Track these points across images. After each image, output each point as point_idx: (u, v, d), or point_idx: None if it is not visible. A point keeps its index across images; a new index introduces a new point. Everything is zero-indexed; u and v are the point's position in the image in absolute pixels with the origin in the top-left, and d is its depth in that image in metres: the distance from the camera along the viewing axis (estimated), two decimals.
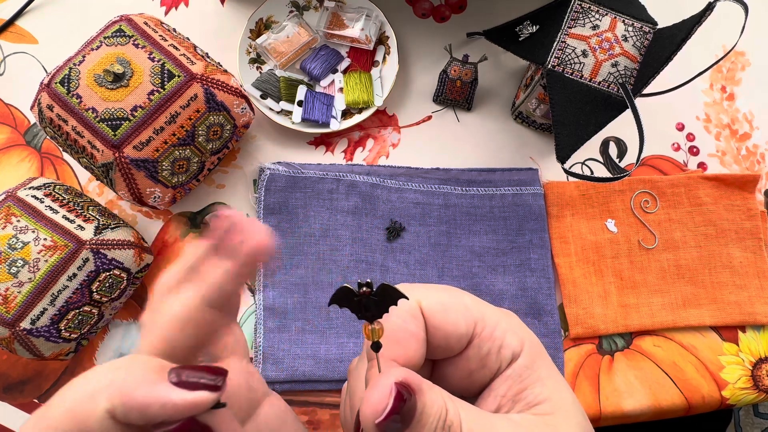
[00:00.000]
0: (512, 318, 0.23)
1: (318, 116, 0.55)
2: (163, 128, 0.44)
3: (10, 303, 0.43)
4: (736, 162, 0.58)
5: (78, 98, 0.43)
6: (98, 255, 0.45)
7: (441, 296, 0.22)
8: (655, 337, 0.54)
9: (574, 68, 0.46)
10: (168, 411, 0.16)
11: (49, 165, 0.56)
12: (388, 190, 0.53)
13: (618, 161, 0.57)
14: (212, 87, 0.46)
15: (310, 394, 0.51)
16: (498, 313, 0.22)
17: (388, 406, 0.17)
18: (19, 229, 0.44)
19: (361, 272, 0.51)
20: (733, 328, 0.54)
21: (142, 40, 0.45)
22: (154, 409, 0.16)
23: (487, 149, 0.57)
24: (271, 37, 0.55)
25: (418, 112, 0.58)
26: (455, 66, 0.56)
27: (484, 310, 0.22)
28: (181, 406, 0.16)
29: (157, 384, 0.17)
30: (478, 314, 0.21)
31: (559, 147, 0.45)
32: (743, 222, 0.55)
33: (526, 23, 0.49)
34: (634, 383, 0.52)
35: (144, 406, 0.16)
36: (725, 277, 0.54)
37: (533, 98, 0.52)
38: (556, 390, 0.21)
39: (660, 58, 0.44)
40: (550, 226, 0.55)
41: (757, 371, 0.53)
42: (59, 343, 0.45)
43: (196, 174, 0.49)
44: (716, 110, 0.59)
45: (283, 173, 0.52)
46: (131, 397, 0.16)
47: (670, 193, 0.56)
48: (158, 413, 0.16)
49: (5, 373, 0.52)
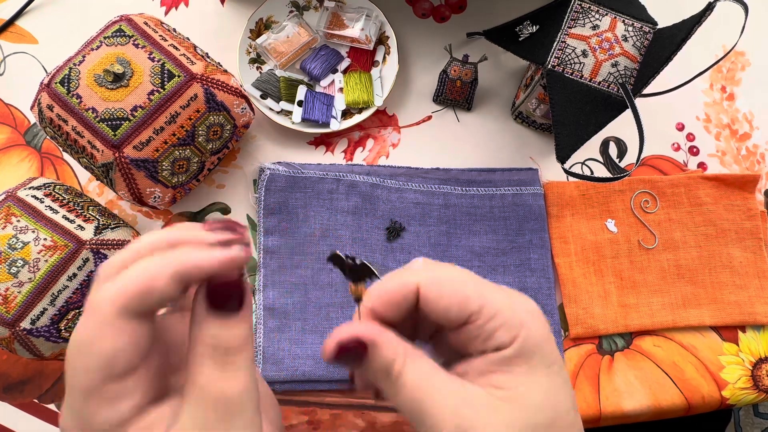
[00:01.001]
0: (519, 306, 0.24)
1: (318, 116, 0.55)
2: (163, 128, 0.44)
3: (10, 303, 0.43)
4: (736, 162, 0.58)
5: (78, 98, 0.43)
6: (98, 255, 0.45)
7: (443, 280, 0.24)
8: (655, 337, 0.54)
9: (574, 68, 0.46)
10: (216, 264, 0.20)
11: (49, 165, 0.56)
12: (388, 190, 0.53)
13: (618, 161, 0.57)
14: (212, 87, 0.46)
15: (310, 394, 0.51)
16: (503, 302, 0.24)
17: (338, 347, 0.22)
18: (19, 229, 0.44)
19: None
20: (733, 328, 0.54)
21: (142, 40, 0.45)
22: (207, 264, 0.20)
23: (487, 149, 0.57)
24: (271, 37, 0.55)
25: (418, 112, 0.58)
26: (455, 66, 0.56)
27: (485, 301, 0.23)
28: (226, 260, 0.20)
29: (205, 250, 0.20)
30: (476, 306, 0.23)
31: (559, 147, 0.45)
32: (743, 222, 0.55)
33: (526, 23, 0.49)
34: (634, 383, 0.52)
35: (199, 265, 0.20)
36: (725, 277, 0.54)
37: (533, 98, 0.52)
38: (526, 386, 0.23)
39: (660, 58, 0.44)
40: (550, 226, 0.55)
41: (757, 371, 0.53)
42: (59, 343, 0.45)
43: (196, 174, 0.49)
44: (716, 110, 0.59)
45: (283, 173, 0.52)
46: (188, 259, 0.20)
47: (670, 193, 0.56)
48: (211, 267, 0.20)
49: (5, 373, 0.52)
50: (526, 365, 0.23)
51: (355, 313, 0.25)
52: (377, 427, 0.51)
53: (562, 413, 0.24)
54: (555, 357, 0.24)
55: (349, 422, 0.51)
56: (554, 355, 0.24)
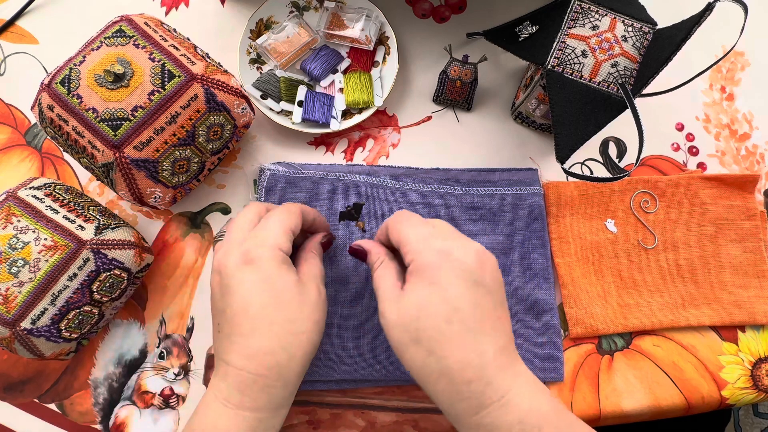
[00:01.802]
0: (428, 242, 0.38)
1: (318, 116, 0.55)
2: (164, 128, 0.44)
3: (11, 303, 0.43)
4: (735, 162, 0.58)
5: (78, 98, 0.43)
6: (99, 255, 0.45)
7: (391, 222, 0.42)
8: (655, 336, 0.54)
9: (574, 68, 0.46)
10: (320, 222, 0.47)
11: (50, 165, 0.56)
12: (388, 190, 0.53)
13: (618, 161, 0.57)
14: (212, 87, 0.46)
15: (310, 394, 0.51)
16: (415, 238, 0.39)
17: (353, 249, 0.44)
18: (20, 229, 0.44)
19: (360, 272, 0.51)
20: (733, 328, 0.54)
21: (143, 40, 0.45)
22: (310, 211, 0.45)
23: (487, 149, 0.57)
24: (272, 37, 0.55)
25: (418, 112, 0.58)
26: (455, 66, 0.56)
27: (402, 236, 0.39)
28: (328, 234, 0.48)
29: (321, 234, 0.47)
30: (399, 239, 0.40)
31: (559, 147, 0.46)
32: (743, 222, 0.55)
33: (525, 23, 0.49)
34: (634, 383, 0.52)
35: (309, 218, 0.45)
36: (725, 277, 0.54)
37: (533, 98, 0.52)
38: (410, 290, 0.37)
39: (659, 58, 0.44)
40: (550, 226, 0.55)
41: (757, 371, 0.53)
42: (60, 343, 0.45)
43: (197, 174, 0.49)
44: (716, 110, 0.59)
45: (283, 173, 0.53)
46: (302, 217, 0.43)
47: (670, 193, 0.56)
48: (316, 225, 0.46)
49: (5, 373, 0.52)
50: (416, 278, 0.37)
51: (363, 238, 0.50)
52: (377, 427, 0.51)
53: (430, 313, 0.36)
54: (440, 279, 0.36)
55: (349, 422, 0.51)
56: (441, 278, 0.36)
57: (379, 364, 0.50)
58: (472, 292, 0.37)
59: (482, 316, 0.36)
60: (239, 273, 0.38)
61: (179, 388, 0.52)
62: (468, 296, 0.36)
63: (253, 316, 0.37)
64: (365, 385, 0.51)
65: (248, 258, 0.38)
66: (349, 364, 0.50)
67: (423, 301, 0.36)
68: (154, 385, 0.51)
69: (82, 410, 0.51)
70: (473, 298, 0.36)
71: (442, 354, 0.35)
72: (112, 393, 0.51)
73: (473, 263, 0.37)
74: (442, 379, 0.36)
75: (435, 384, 0.36)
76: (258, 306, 0.37)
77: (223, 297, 0.39)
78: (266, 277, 0.38)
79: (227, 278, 0.38)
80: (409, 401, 0.52)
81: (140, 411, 0.51)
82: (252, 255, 0.38)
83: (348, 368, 0.50)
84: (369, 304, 0.51)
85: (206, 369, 0.52)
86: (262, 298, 0.38)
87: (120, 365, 0.52)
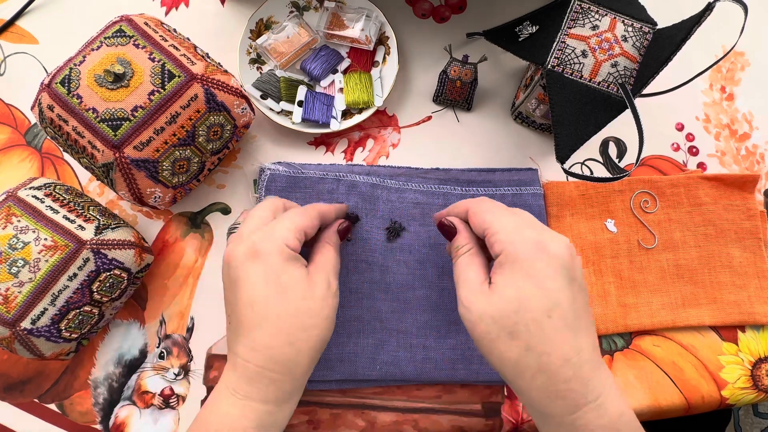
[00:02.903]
0: (520, 233, 0.37)
1: (318, 116, 0.55)
2: (164, 128, 0.44)
3: (11, 303, 0.43)
4: (735, 162, 0.58)
5: (78, 98, 0.43)
6: (99, 255, 0.45)
7: (474, 207, 0.41)
8: (655, 336, 0.54)
9: (574, 68, 0.46)
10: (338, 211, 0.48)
11: (50, 165, 0.56)
12: (388, 190, 0.53)
13: (617, 161, 0.57)
14: (212, 87, 0.46)
15: (310, 394, 0.51)
16: (506, 227, 0.37)
17: (441, 223, 0.44)
18: (20, 229, 0.44)
19: (360, 272, 0.51)
20: (733, 328, 0.54)
21: (143, 40, 0.45)
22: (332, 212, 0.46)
23: (487, 149, 0.57)
24: (272, 37, 0.55)
25: (418, 112, 0.58)
26: (455, 66, 0.56)
27: (490, 224, 0.38)
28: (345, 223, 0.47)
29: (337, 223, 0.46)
30: (486, 225, 0.39)
31: (559, 147, 0.46)
32: (743, 222, 0.55)
33: (525, 23, 0.49)
34: (634, 383, 0.52)
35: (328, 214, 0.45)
36: (725, 277, 0.54)
37: (533, 98, 0.52)
38: (504, 283, 0.36)
39: (659, 58, 0.44)
40: (550, 226, 0.55)
41: (757, 371, 0.53)
42: (60, 343, 0.45)
43: (197, 174, 0.49)
44: (716, 110, 0.59)
45: (283, 173, 0.52)
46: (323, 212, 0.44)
47: (670, 193, 0.56)
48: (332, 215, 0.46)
49: (5, 373, 0.52)
50: (509, 270, 0.36)
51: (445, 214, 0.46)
52: (377, 427, 0.51)
53: (529, 307, 0.34)
54: (538, 272, 0.35)
55: (349, 422, 0.51)
56: (539, 271, 0.35)
57: (379, 364, 0.50)
58: (569, 288, 0.36)
59: (579, 313, 0.36)
60: (245, 266, 0.38)
61: (179, 388, 0.52)
62: (566, 291, 0.35)
63: (258, 309, 0.37)
64: (365, 385, 0.51)
65: (254, 251, 0.38)
66: (349, 364, 0.50)
67: (522, 294, 0.35)
68: (154, 385, 0.52)
69: (82, 410, 0.51)
70: (571, 294, 0.35)
71: (543, 350, 0.34)
72: (112, 393, 0.51)
73: (567, 258, 0.36)
74: (540, 376, 0.34)
75: (531, 380, 0.35)
76: (263, 300, 0.38)
77: (231, 289, 0.39)
78: (272, 271, 0.38)
79: (234, 270, 0.39)
80: (409, 401, 0.52)
81: (140, 411, 0.51)
82: (258, 248, 0.38)
83: (348, 368, 0.50)
84: (369, 304, 0.51)
85: (206, 369, 0.52)
86: (267, 292, 0.38)
87: (120, 365, 0.52)
